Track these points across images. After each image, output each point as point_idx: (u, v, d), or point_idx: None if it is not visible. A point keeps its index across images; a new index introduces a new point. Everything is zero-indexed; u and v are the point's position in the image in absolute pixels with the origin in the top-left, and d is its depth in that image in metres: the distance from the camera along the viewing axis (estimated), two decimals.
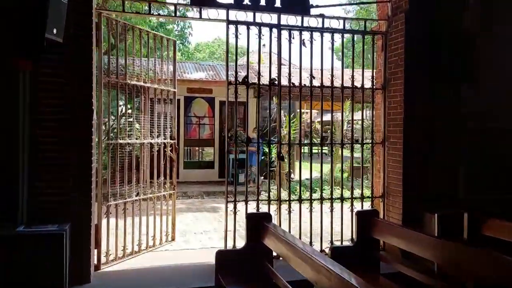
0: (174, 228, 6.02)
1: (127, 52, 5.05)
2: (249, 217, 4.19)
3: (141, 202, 5.34)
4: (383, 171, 5.49)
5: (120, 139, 4.99)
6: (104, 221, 4.82)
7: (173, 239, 5.97)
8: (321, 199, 5.42)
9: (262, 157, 14.06)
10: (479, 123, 5.20)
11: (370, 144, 5.55)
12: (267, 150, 6.16)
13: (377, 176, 5.68)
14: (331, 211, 5.40)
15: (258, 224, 4.07)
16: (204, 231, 6.76)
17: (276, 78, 5.16)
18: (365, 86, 5.47)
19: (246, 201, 5.13)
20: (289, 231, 5.21)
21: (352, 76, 5.39)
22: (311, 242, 5.32)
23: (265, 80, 5.14)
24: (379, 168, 5.63)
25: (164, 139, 5.75)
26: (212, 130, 13.29)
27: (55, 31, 3.68)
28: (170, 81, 5.87)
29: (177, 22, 17.92)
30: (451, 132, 5.18)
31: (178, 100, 14.42)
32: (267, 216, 4.21)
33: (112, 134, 5.14)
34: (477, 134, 5.19)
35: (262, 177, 14.07)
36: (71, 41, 3.99)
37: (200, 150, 13.55)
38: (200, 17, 4.85)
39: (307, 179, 13.42)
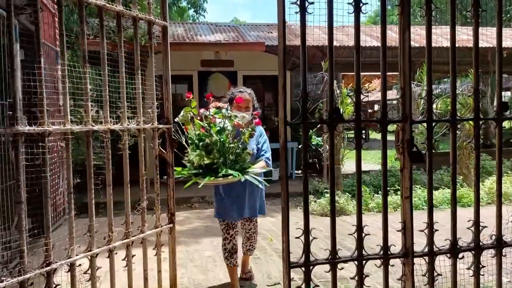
0: None
1: None
2: None
3: (94, 263, 2.41)
4: None
5: (21, 125, 2.02)
6: None
7: None
8: None
9: (299, 146, 11.08)
10: None
11: None
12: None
13: None
14: None
15: None
16: None
17: None
18: None
19: (335, 264, 2.14)
20: None
21: None
22: None
23: None
24: None
25: (147, 122, 2.80)
26: None
27: None
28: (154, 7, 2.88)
29: None
30: None
31: (191, 76, 11.61)
32: None
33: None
34: None
35: (300, 171, 11.15)
36: None
37: None
38: None
39: (349, 175, 9.88)
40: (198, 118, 2.95)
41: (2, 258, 3.24)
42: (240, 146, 2.96)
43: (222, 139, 2.86)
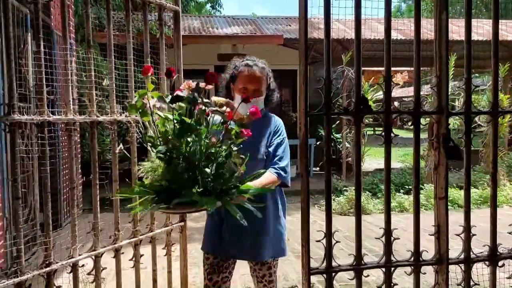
0: None
1: None
2: None
3: (98, 263, 2.24)
4: None
5: (16, 114, 1.86)
6: None
7: None
8: None
9: (317, 143, 10.77)
10: None
11: None
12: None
13: None
14: None
15: None
16: None
17: None
18: None
19: (360, 271, 1.93)
20: None
21: None
22: None
23: None
24: None
25: None
26: None
27: None
28: None
29: None
30: None
31: (207, 71, 11.39)
32: None
33: None
34: None
35: (318, 168, 10.86)
36: None
37: None
38: None
39: (369, 173, 9.57)
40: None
41: (11, 254, 3.13)
42: (224, 149, 1.60)
43: (193, 140, 1.54)
